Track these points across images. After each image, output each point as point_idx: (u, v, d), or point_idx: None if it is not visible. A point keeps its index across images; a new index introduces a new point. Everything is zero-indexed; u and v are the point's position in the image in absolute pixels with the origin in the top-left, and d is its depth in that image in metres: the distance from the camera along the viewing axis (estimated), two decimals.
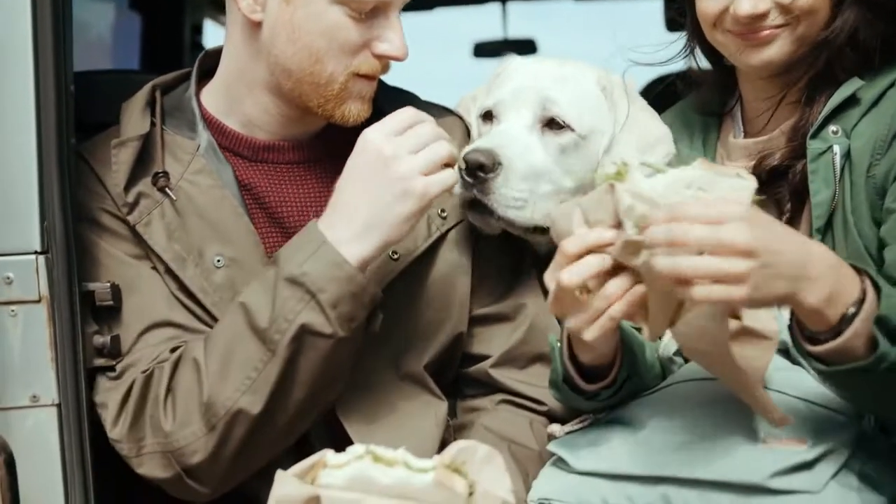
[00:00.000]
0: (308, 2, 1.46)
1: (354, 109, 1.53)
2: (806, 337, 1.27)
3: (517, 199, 1.60)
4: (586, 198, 1.26)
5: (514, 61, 1.79)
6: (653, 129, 1.73)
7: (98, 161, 1.57)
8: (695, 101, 1.75)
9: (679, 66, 1.76)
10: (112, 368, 1.50)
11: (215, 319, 1.52)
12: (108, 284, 1.52)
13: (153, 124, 1.57)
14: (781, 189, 1.56)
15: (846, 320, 1.22)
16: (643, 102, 1.77)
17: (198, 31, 3.70)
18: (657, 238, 1.16)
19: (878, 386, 1.25)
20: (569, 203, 1.28)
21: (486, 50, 5.46)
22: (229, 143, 1.60)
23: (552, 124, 1.66)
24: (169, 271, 1.53)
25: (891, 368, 1.22)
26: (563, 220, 1.28)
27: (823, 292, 1.20)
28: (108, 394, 1.50)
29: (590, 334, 1.25)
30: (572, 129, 1.66)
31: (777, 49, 1.53)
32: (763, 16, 1.51)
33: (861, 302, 1.22)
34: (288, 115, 1.58)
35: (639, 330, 1.38)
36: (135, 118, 1.57)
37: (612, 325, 1.25)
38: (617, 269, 1.23)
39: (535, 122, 1.66)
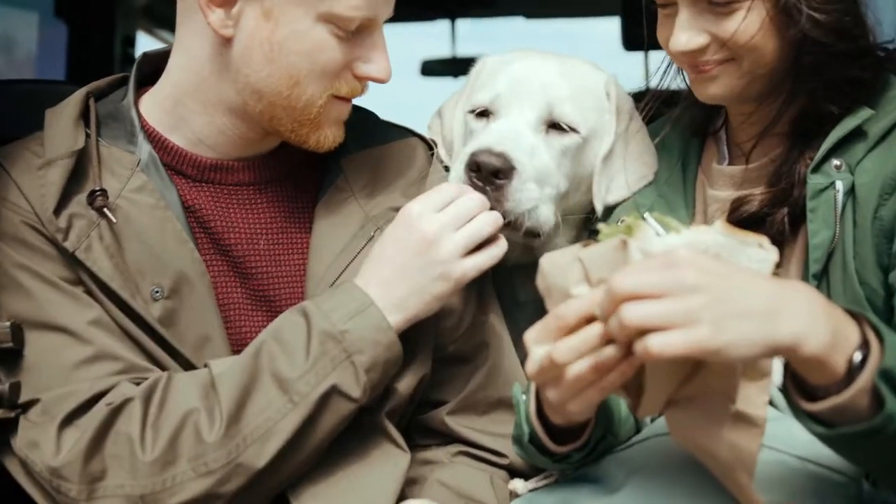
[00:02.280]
0: (291, 19, 1.35)
1: (331, 135, 1.44)
2: (802, 393, 1.10)
3: (530, 203, 1.52)
4: (589, 251, 1.09)
5: (503, 55, 1.69)
6: (644, 153, 1.66)
7: (19, 170, 1.40)
8: (677, 119, 1.62)
9: (639, 84, 1.68)
10: (26, 406, 1.33)
11: (154, 357, 1.38)
12: (8, 324, 1.34)
13: (87, 136, 1.41)
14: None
15: (854, 368, 1.04)
16: (640, 121, 1.70)
17: (130, 43, 3.52)
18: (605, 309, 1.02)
19: (887, 450, 1.08)
20: (563, 253, 1.12)
21: (433, 68, 5.39)
22: (171, 160, 1.45)
23: (556, 125, 1.58)
24: (114, 299, 1.37)
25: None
26: (556, 272, 1.11)
27: (824, 336, 1.02)
28: (38, 432, 1.32)
29: (575, 406, 1.09)
30: (577, 132, 1.59)
31: (723, 85, 1.44)
32: (702, 51, 1.42)
33: (865, 347, 1.06)
34: (245, 136, 1.45)
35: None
36: (65, 130, 1.41)
37: (602, 397, 1.09)
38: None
39: (539, 123, 1.58)
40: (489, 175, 1.48)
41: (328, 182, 1.51)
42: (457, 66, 5.47)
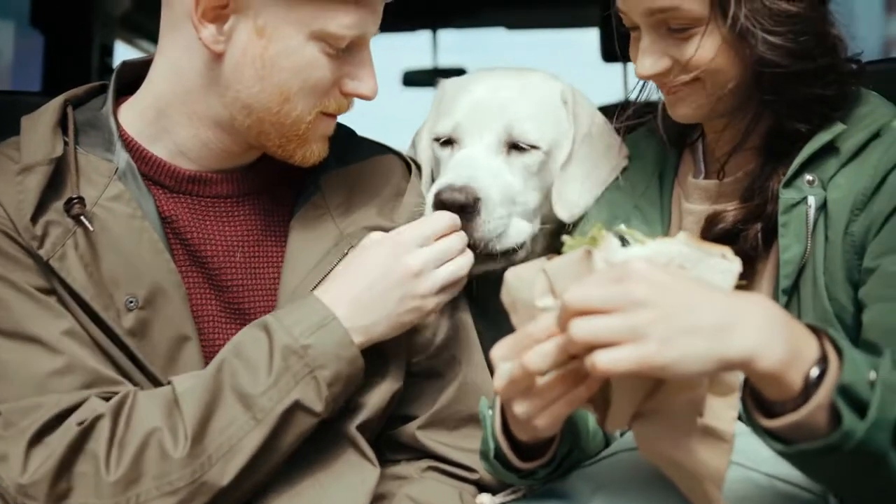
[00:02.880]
0: (284, 36, 1.35)
1: (317, 150, 1.45)
2: (761, 409, 1.08)
3: (499, 228, 1.57)
4: (553, 263, 1.08)
5: (462, 79, 1.71)
6: (605, 154, 1.68)
7: None
8: (654, 130, 1.62)
9: (619, 95, 1.67)
10: None
11: (123, 369, 1.37)
12: None
13: (65, 143, 1.40)
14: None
15: (811, 384, 1.03)
16: (601, 116, 1.72)
17: (107, 52, 3.48)
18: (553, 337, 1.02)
19: (846, 467, 1.07)
20: (528, 266, 1.11)
21: (415, 79, 5.39)
22: (149, 171, 1.44)
23: (517, 145, 1.61)
24: (87, 311, 1.35)
25: (859, 448, 1.03)
26: (521, 286, 1.10)
27: (779, 351, 1.00)
28: (7, 446, 1.30)
29: (542, 421, 1.07)
30: (538, 148, 1.62)
31: (690, 105, 1.45)
32: (666, 73, 1.43)
33: (823, 362, 1.04)
34: (228, 150, 1.45)
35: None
36: (42, 137, 1.39)
37: (569, 411, 1.08)
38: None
39: (499, 145, 1.62)
40: (457, 210, 1.51)
41: (304, 198, 1.51)
42: (438, 77, 5.46)
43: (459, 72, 5.87)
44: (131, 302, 1.37)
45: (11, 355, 1.33)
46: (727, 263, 1.08)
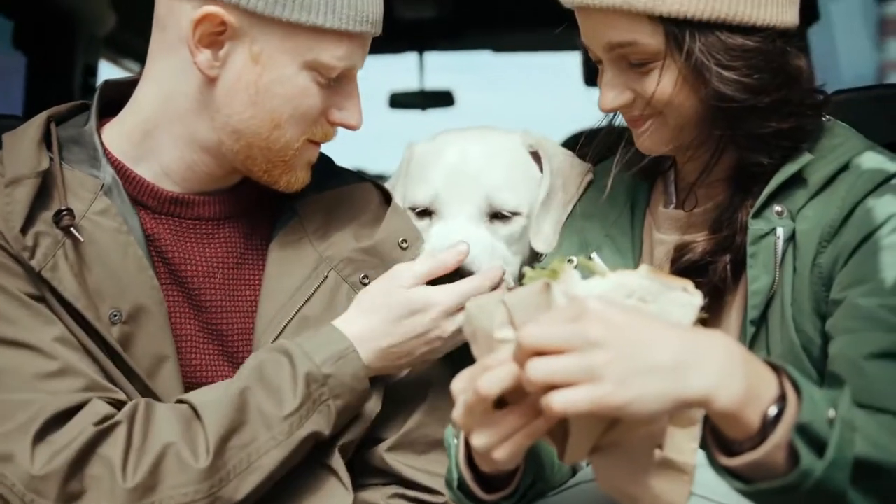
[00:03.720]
0: (278, 65, 1.38)
1: (301, 176, 1.48)
2: (720, 448, 1.07)
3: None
4: (513, 295, 1.07)
5: (431, 143, 1.73)
6: (577, 168, 1.70)
7: None
8: (626, 160, 1.60)
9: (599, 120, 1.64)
10: None
11: (112, 378, 1.37)
12: None
13: (51, 159, 1.40)
14: (700, 283, 1.40)
15: (769, 423, 1.02)
16: (566, 151, 1.74)
17: (90, 72, 3.46)
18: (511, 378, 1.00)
19: None
20: (488, 298, 1.10)
21: (402, 101, 5.40)
22: (133, 190, 1.45)
23: (499, 214, 1.64)
24: (77, 319, 1.36)
25: (818, 487, 1.02)
26: (481, 316, 1.08)
27: (737, 390, 0.99)
28: (10, 445, 1.30)
29: (501, 453, 1.04)
30: (519, 214, 1.65)
31: (654, 139, 1.45)
32: (629, 107, 1.43)
33: (782, 401, 1.03)
34: (212, 173, 1.47)
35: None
36: (27, 152, 1.39)
37: (529, 444, 1.05)
38: None
39: (481, 216, 1.64)
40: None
41: (282, 222, 1.52)
42: (425, 99, 5.50)
43: (446, 94, 5.96)
44: (115, 316, 1.38)
45: (4, 360, 1.33)
46: (688, 297, 1.07)
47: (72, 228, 1.36)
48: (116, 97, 1.50)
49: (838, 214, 1.34)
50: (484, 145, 1.68)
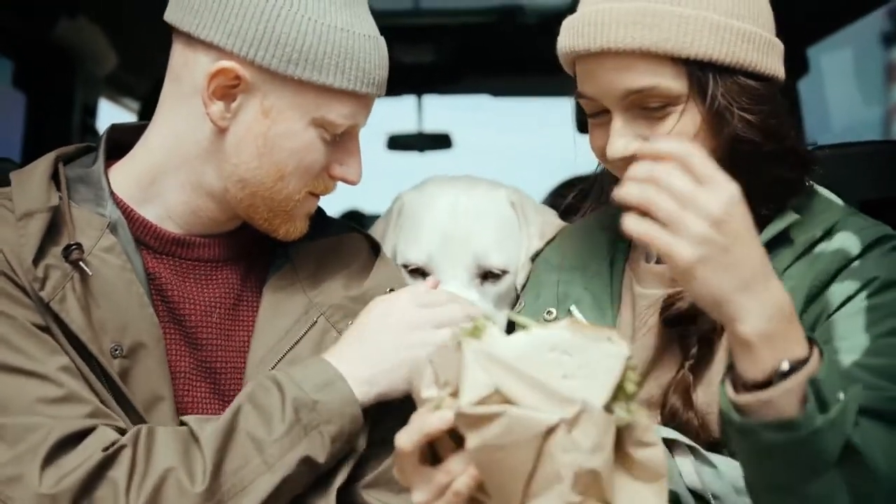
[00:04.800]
0: (287, 119, 1.44)
1: (299, 226, 1.54)
2: (733, 382, 1.15)
3: None
4: (438, 353, 1.10)
5: (419, 194, 1.78)
6: (556, 221, 1.78)
7: None
8: (605, 219, 1.62)
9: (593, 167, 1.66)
10: None
11: (111, 410, 1.39)
12: None
13: (59, 198, 1.44)
14: (689, 332, 1.43)
15: (778, 375, 1.11)
16: (545, 208, 1.82)
17: (90, 112, 3.48)
18: (637, 173, 1.12)
19: (793, 463, 1.12)
20: (423, 357, 1.14)
21: (400, 143, 5.43)
22: (136, 231, 1.49)
23: (489, 274, 1.71)
24: (82, 353, 1.38)
25: (812, 440, 1.10)
26: (416, 376, 1.12)
27: (760, 325, 1.10)
28: (18, 467, 1.31)
29: None
30: (507, 272, 1.72)
31: None
32: (635, 156, 1.41)
33: (804, 362, 1.12)
34: (214, 217, 1.52)
35: None
36: (38, 189, 1.43)
37: (459, 501, 1.06)
38: None
39: (472, 278, 1.71)
40: None
41: (276, 267, 1.57)
42: (423, 141, 5.53)
43: (444, 137, 5.98)
44: (116, 350, 1.41)
45: (10, 389, 1.35)
46: (615, 347, 1.06)
47: (81, 262, 1.40)
48: (121, 141, 1.56)
49: (825, 277, 1.36)
50: (472, 202, 1.74)
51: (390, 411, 1.51)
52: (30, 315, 1.38)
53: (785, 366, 1.10)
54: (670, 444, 1.31)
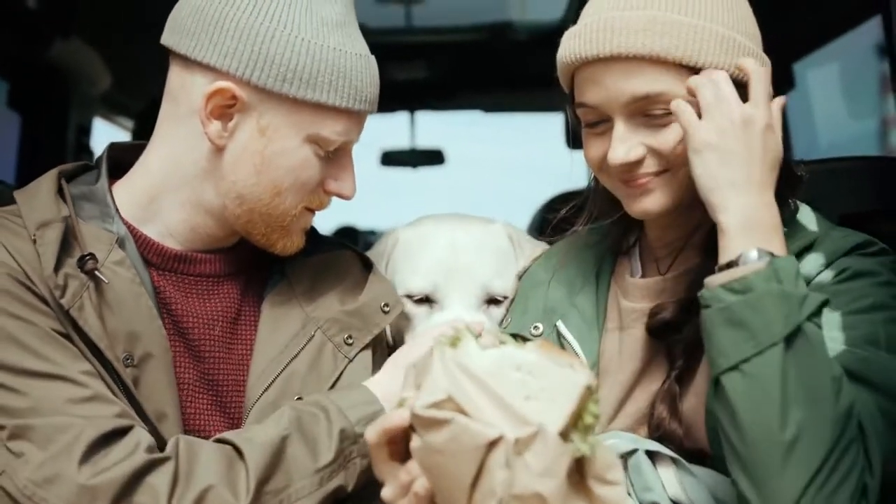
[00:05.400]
0: (283, 137, 1.47)
1: (296, 241, 1.57)
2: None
3: None
4: (421, 358, 1.13)
5: (414, 231, 1.82)
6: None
7: (3, 233, 1.42)
8: (592, 235, 1.65)
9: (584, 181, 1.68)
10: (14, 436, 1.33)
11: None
12: None
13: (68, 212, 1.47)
14: (675, 342, 1.45)
15: (753, 257, 1.26)
16: (536, 242, 1.86)
17: (84, 132, 3.49)
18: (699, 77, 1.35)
19: (741, 318, 1.22)
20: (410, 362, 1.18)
21: (394, 158, 5.46)
22: (139, 248, 1.51)
23: (493, 300, 1.76)
24: (98, 358, 1.40)
25: (759, 299, 1.21)
26: (404, 378, 1.16)
27: (739, 219, 1.28)
28: (56, 467, 1.31)
29: None
30: (507, 297, 1.76)
31: (657, 198, 1.44)
32: (638, 163, 1.43)
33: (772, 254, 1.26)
34: (213, 234, 1.54)
35: None
36: (47, 202, 1.45)
37: (419, 502, 1.09)
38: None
39: (479, 304, 1.75)
40: None
41: (273, 283, 1.60)
42: (416, 157, 5.56)
43: (437, 153, 5.97)
44: (128, 359, 1.43)
45: (38, 391, 1.35)
46: (575, 376, 1.07)
47: (96, 272, 1.42)
48: (120, 160, 1.58)
49: None
50: (470, 236, 1.79)
51: None
52: (50, 322, 1.39)
53: (754, 253, 1.25)
54: (653, 456, 1.33)
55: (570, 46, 1.44)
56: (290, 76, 1.43)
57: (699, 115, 1.34)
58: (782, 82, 2.89)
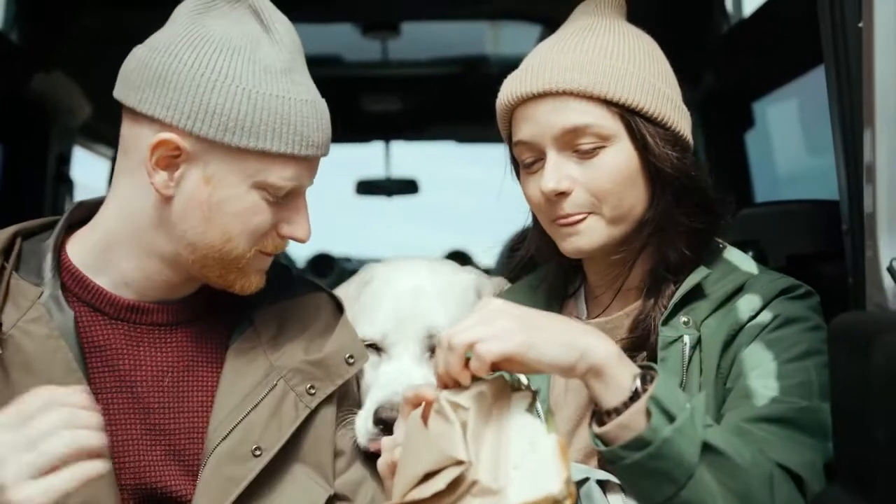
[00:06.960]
0: (228, 185, 1.47)
1: (255, 281, 1.56)
2: (598, 420, 1.28)
3: None
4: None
5: (387, 268, 1.85)
6: None
7: None
8: (539, 279, 1.74)
9: None
10: None
11: None
12: None
13: (3, 268, 1.48)
14: None
15: (630, 398, 1.24)
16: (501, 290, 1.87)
17: (63, 161, 3.52)
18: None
19: (662, 474, 1.22)
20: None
21: (368, 188, 5.51)
22: (90, 299, 1.52)
23: None
24: None
25: (667, 450, 1.21)
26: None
27: (608, 349, 1.26)
28: None
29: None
30: None
31: (589, 237, 1.53)
32: (568, 195, 1.52)
33: (646, 377, 1.26)
34: (169, 281, 1.55)
35: None
36: None
37: (391, 468, 1.23)
38: None
39: (423, 352, 1.76)
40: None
41: (239, 330, 1.60)
42: (391, 186, 5.61)
43: (411, 183, 5.96)
44: None
45: None
46: (555, 484, 1.15)
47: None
48: (87, 215, 1.60)
49: (737, 327, 1.48)
50: (431, 279, 1.80)
51: (347, 466, 1.62)
52: None
53: (636, 383, 1.24)
54: (604, 485, 1.40)
55: (507, 89, 1.56)
56: (232, 126, 1.44)
57: None
58: (743, 120, 3.00)
